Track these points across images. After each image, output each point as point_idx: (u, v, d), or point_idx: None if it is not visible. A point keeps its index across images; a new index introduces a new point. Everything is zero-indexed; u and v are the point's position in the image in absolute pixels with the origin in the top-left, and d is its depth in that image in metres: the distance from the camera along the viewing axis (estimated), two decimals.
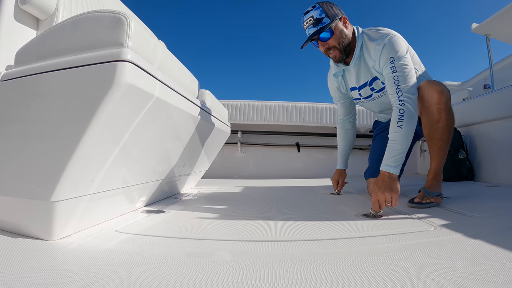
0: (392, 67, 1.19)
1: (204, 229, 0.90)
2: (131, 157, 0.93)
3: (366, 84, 1.42)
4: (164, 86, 0.88)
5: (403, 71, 1.17)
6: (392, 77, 1.19)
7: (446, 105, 1.21)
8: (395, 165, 1.11)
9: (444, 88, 1.22)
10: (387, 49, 1.21)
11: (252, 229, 0.89)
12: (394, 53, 1.19)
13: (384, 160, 1.14)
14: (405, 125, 1.11)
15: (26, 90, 0.75)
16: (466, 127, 2.41)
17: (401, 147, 1.11)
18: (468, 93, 3.54)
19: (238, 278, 0.53)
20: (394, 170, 1.10)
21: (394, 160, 1.11)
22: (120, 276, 0.54)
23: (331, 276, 0.53)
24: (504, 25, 2.90)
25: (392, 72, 1.19)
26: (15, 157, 0.76)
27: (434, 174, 1.28)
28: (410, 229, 0.87)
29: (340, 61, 1.37)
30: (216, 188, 2.00)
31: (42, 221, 0.73)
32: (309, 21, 1.26)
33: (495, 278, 0.50)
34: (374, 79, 1.38)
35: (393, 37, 1.22)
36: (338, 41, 1.29)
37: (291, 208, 1.25)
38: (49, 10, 1.09)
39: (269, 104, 3.05)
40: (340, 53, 1.32)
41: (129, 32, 0.71)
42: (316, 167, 3.20)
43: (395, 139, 1.12)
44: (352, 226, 0.90)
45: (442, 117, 1.22)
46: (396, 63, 1.18)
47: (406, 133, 1.11)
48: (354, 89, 1.50)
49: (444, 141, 1.24)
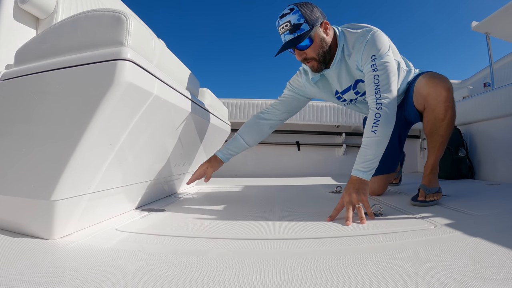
0: (373, 65, 1.11)
1: (204, 228, 0.91)
2: (131, 155, 0.93)
3: (349, 88, 1.32)
4: (163, 84, 0.88)
5: (385, 69, 1.10)
6: (372, 76, 1.10)
7: (452, 103, 1.20)
8: (366, 171, 1.05)
9: (450, 84, 1.20)
10: (368, 46, 1.12)
11: (251, 227, 0.89)
12: (376, 51, 1.11)
13: (355, 165, 1.07)
14: (380, 131, 1.05)
15: (26, 89, 0.75)
16: (466, 125, 2.41)
17: (373, 153, 1.05)
18: (468, 91, 3.54)
19: (239, 276, 0.53)
20: (364, 176, 1.04)
21: (365, 166, 1.05)
22: (120, 275, 0.54)
23: (332, 274, 0.54)
24: (504, 23, 2.89)
25: (373, 70, 1.10)
26: (15, 157, 0.76)
27: (432, 168, 1.28)
28: (410, 227, 0.87)
29: (318, 71, 1.24)
30: (216, 187, 2.01)
31: (42, 220, 0.73)
32: (285, 27, 1.10)
33: (495, 276, 0.50)
34: (357, 82, 1.29)
35: (375, 33, 1.13)
36: (318, 51, 1.16)
37: (291, 206, 1.26)
38: (48, 9, 1.09)
39: (269, 103, 3.05)
40: (319, 64, 1.19)
41: (128, 31, 0.70)
42: (316, 166, 3.20)
43: (368, 144, 1.06)
44: (352, 224, 0.90)
45: (448, 115, 1.20)
46: (377, 61, 1.10)
47: (379, 140, 1.05)
48: (336, 94, 1.37)
49: (445, 137, 1.24)
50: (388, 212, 1.07)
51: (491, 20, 2.89)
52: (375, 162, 1.06)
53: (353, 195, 0.99)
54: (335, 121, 3.07)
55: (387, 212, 1.07)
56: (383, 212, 1.04)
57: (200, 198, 1.54)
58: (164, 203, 1.31)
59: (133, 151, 0.93)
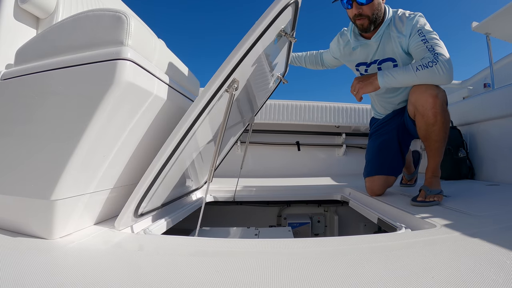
0: (423, 35, 1.20)
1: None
2: (131, 155, 0.93)
3: (375, 61, 1.40)
4: (163, 84, 0.88)
5: (436, 42, 1.18)
6: (424, 46, 1.19)
7: (441, 108, 1.20)
8: (383, 75, 1.21)
9: (439, 91, 1.21)
10: (418, 21, 1.24)
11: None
12: (425, 25, 1.23)
13: (383, 71, 1.23)
14: (420, 73, 1.15)
15: (26, 89, 0.75)
16: (467, 126, 2.41)
17: (400, 76, 1.19)
18: (468, 91, 3.54)
19: (239, 276, 0.53)
20: (380, 74, 1.22)
21: (387, 73, 1.20)
22: (120, 275, 0.54)
23: (332, 274, 0.54)
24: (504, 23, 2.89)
25: (424, 42, 1.20)
26: (16, 156, 0.76)
27: (433, 172, 1.28)
28: (410, 227, 0.87)
29: (365, 31, 1.33)
30: (216, 186, 2.00)
31: (42, 219, 0.73)
32: None
33: (495, 276, 0.50)
34: (386, 60, 1.37)
35: (422, 16, 1.26)
36: (373, 11, 1.27)
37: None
38: (49, 9, 1.09)
39: (269, 103, 3.05)
40: (369, 23, 1.30)
41: (129, 30, 0.71)
42: (316, 166, 3.20)
43: (406, 70, 1.18)
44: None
45: (438, 120, 1.21)
46: (427, 35, 1.20)
47: (413, 76, 1.16)
48: (362, 65, 1.46)
49: (440, 142, 1.24)
50: (389, 211, 1.07)
51: (491, 20, 2.90)
52: (394, 80, 1.20)
53: (359, 82, 1.26)
54: (335, 121, 3.07)
55: (387, 212, 1.07)
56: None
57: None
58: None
59: (133, 150, 0.93)
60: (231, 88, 0.82)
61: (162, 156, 0.80)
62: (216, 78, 0.79)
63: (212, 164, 0.85)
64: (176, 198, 1.22)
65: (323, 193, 1.80)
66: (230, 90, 0.83)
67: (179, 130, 0.79)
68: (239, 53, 0.78)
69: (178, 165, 0.95)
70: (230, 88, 0.82)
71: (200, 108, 0.79)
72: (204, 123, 0.91)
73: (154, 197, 0.93)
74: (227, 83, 0.81)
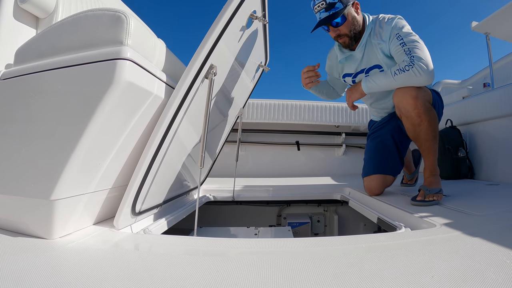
0: (401, 39, 1.22)
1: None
2: (130, 155, 0.93)
3: (363, 71, 1.42)
4: (163, 84, 0.88)
5: (414, 44, 1.19)
6: (402, 50, 1.21)
7: (424, 107, 1.21)
8: (365, 81, 1.28)
9: (420, 91, 1.22)
10: (397, 24, 1.25)
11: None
12: (404, 28, 1.24)
13: (366, 77, 1.29)
14: (398, 77, 1.19)
15: (26, 88, 0.75)
16: (466, 126, 2.41)
17: (379, 81, 1.24)
18: (468, 91, 3.54)
19: (239, 276, 0.53)
20: (363, 81, 1.30)
21: (369, 79, 1.26)
22: (120, 275, 0.54)
23: (332, 274, 0.54)
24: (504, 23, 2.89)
25: (401, 43, 1.21)
26: (15, 156, 0.76)
27: (431, 171, 1.28)
28: (410, 227, 0.87)
29: (348, 47, 1.39)
30: (216, 186, 2.00)
31: (42, 219, 0.73)
32: (321, 5, 1.25)
33: (495, 276, 0.50)
34: (372, 68, 1.38)
35: (401, 18, 1.28)
36: (350, 28, 1.30)
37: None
38: (48, 8, 1.09)
39: (268, 103, 3.05)
40: (350, 40, 1.34)
41: (128, 30, 0.70)
42: (315, 166, 3.20)
43: (385, 74, 1.22)
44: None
45: (423, 119, 1.22)
46: (405, 38, 1.21)
47: (392, 81, 1.20)
48: (348, 76, 1.49)
49: (431, 141, 1.25)
50: (389, 211, 1.07)
51: (490, 20, 2.90)
52: (375, 85, 1.26)
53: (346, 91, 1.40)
54: (335, 121, 3.07)
55: (387, 211, 1.07)
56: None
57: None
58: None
59: (132, 150, 0.93)
60: (210, 74, 0.84)
61: (150, 149, 0.81)
62: (192, 64, 0.81)
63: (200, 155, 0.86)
64: (175, 196, 1.22)
65: (323, 192, 1.80)
66: (210, 76, 0.84)
67: (162, 122, 0.81)
68: (211, 37, 0.80)
69: (168, 159, 0.95)
70: (210, 74, 0.84)
71: (181, 96, 0.81)
72: (188, 114, 0.93)
73: (150, 194, 0.93)
74: (204, 69, 0.82)
